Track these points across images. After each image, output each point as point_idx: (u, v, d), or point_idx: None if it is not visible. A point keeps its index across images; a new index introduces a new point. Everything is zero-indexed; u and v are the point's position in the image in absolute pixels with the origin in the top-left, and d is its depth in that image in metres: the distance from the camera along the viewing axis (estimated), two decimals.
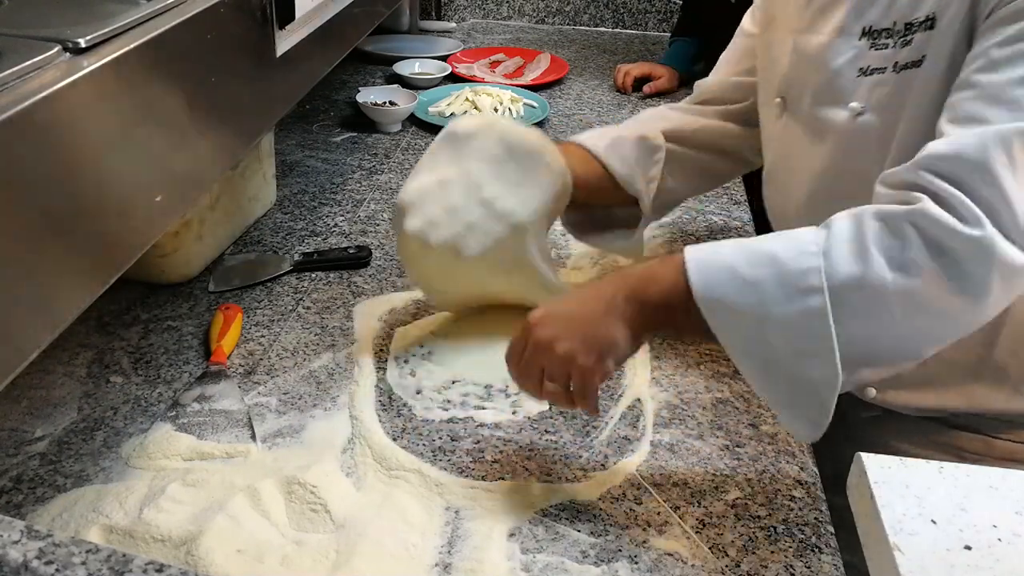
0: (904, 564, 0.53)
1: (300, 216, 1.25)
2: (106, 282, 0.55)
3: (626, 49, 2.08)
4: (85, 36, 0.51)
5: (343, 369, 0.93)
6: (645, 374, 0.94)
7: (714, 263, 0.68)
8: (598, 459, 0.83)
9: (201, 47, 0.62)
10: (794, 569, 0.72)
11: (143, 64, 0.55)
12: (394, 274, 1.11)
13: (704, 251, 0.69)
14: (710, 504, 0.78)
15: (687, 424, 0.88)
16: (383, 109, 1.54)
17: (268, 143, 1.21)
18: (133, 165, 0.56)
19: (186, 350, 0.95)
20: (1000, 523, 0.57)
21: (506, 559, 0.71)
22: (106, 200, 0.53)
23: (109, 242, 0.55)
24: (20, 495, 0.76)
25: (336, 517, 0.74)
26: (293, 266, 1.11)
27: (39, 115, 0.46)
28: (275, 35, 0.74)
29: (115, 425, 0.84)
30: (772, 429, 0.87)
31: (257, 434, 0.83)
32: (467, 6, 2.29)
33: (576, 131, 1.58)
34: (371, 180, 1.37)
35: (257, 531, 0.71)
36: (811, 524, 0.76)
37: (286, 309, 1.04)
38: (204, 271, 1.09)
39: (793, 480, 0.81)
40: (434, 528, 0.74)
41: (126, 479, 0.77)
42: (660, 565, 0.72)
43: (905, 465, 0.61)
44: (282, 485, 0.76)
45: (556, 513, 0.76)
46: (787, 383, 0.67)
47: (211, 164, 0.69)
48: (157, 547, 0.70)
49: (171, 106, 0.60)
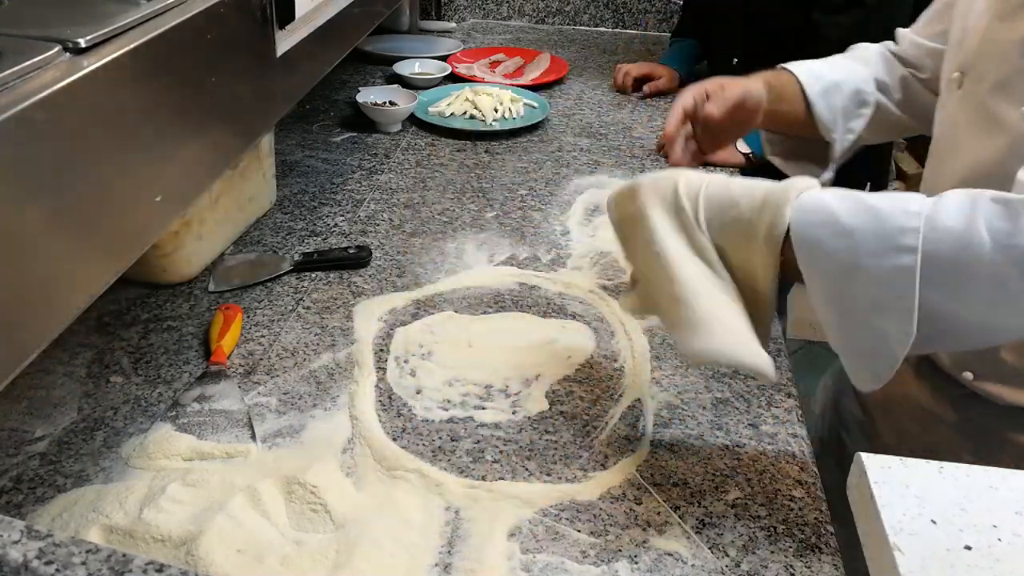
0: (904, 564, 0.53)
1: (300, 216, 1.25)
2: (106, 282, 0.55)
3: (626, 49, 2.08)
4: (85, 36, 0.51)
5: (343, 369, 0.93)
6: (645, 374, 0.94)
7: (817, 204, 0.68)
8: (598, 459, 0.83)
9: (201, 47, 0.62)
10: (794, 569, 0.72)
11: (143, 64, 0.55)
12: (394, 274, 1.11)
13: (812, 192, 0.69)
14: (710, 504, 0.78)
15: (687, 424, 0.88)
16: (383, 109, 1.54)
17: (268, 143, 1.21)
18: (133, 165, 0.56)
19: (186, 350, 0.96)
20: (1000, 523, 0.57)
21: (506, 559, 0.71)
22: (106, 200, 0.53)
23: (109, 242, 0.55)
24: (20, 495, 0.76)
25: (336, 517, 0.74)
26: (293, 266, 1.11)
27: (39, 115, 0.46)
28: (275, 35, 0.74)
29: (115, 425, 0.84)
30: (772, 429, 0.87)
31: (257, 434, 0.83)
32: (467, 6, 2.29)
33: (576, 131, 1.58)
34: (371, 180, 1.37)
35: (257, 531, 0.71)
36: (811, 524, 0.76)
37: (286, 309, 1.04)
38: (204, 271, 1.10)
39: (793, 480, 0.81)
40: (434, 528, 0.74)
41: (126, 479, 0.77)
42: (660, 565, 0.72)
43: (905, 465, 0.61)
44: (282, 485, 0.76)
45: (556, 513, 0.76)
46: (861, 332, 0.67)
47: (211, 164, 0.69)
48: (157, 547, 0.70)
49: (171, 106, 0.60)
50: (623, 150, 1.50)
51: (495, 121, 1.56)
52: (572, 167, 1.44)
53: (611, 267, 1.14)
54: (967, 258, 0.63)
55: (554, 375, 0.94)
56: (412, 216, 1.26)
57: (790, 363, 0.99)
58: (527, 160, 1.46)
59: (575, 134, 1.57)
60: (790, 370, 0.97)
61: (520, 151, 1.50)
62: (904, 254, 0.64)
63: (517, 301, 1.07)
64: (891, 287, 0.65)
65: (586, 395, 0.91)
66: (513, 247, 1.19)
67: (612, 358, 0.97)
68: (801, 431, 0.88)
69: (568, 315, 1.05)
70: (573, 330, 1.01)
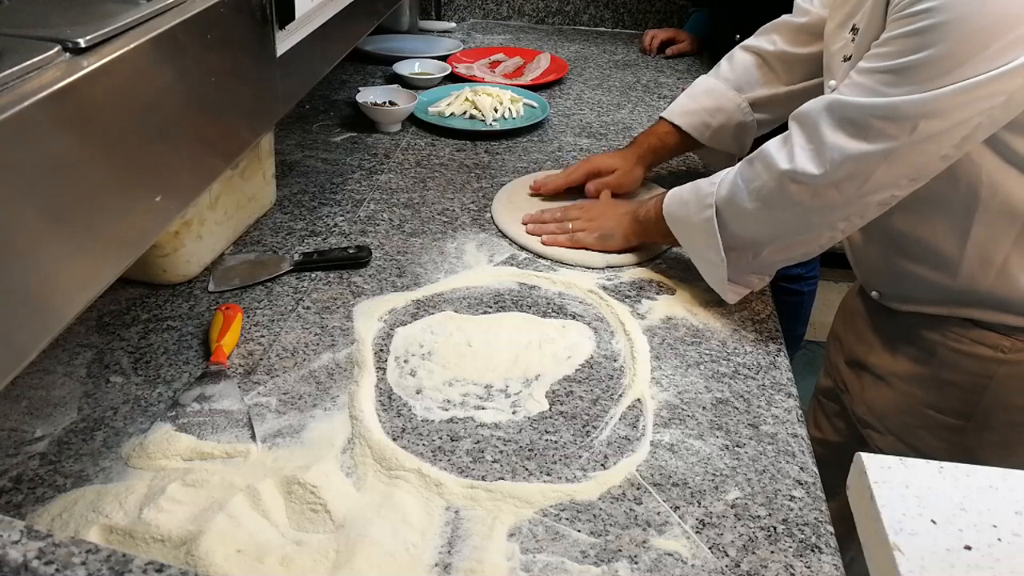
0: (904, 564, 0.53)
1: (300, 216, 1.25)
2: (106, 282, 0.55)
3: (626, 49, 2.08)
4: (85, 36, 0.51)
5: (343, 369, 0.93)
6: (645, 374, 0.94)
7: (676, 193, 1.09)
8: (598, 459, 0.83)
9: (201, 47, 0.62)
10: (794, 569, 0.72)
11: (143, 64, 0.55)
12: (394, 274, 1.11)
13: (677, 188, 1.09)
14: (710, 504, 0.78)
15: (687, 424, 0.88)
16: (383, 109, 1.54)
17: (268, 143, 1.21)
18: (133, 165, 0.56)
19: (186, 350, 0.96)
20: (1000, 523, 0.57)
21: (506, 559, 0.71)
22: (106, 200, 0.53)
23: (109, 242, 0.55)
24: (20, 495, 0.76)
25: (336, 517, 0.74)
26: (293, 266, 1.11)
27: (39, 115, 0.46)
28: (275, 35, 0.74)
29: (115, 425, 0.84)
30: (772, 429, 0.87)
31: (257, 434, 0.83)
32: (467, 6, 2.29)
33: (575, 131, 1.58)
34: (371, 180, 1.37)
35: (257, 531, 0.71)
36: (811, 524, 0.76)
37: (286, 309, 1.04)
38: (204, 271, 1.10)
39: (793, 480, 0.81)
40: (434, 528, 0.74)
41: (126, 479, 0.77)
42: (660, 565, 0.72)
43: (905, 465, 0.61)
44: (282, 485, 0.76)
45: (556, 513, 0.76)
46: (704, 263, 1.07)
47: (211, 164, 0.69)
48: (157, 547, 0.70)
49: (171, 106, 0.60)
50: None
51: (495, 121, 1.56)
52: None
53: (611, 267, 1.14)
54: (737, 201, 0.99)
55: (554, 375, 0.94)
56: (412, 216, 1.26)
57: (790, 363, 0.99)
58: (527, 160, 1.46)
59: (575, 134, 1.57)
60: (790, 370, 0.97)
61: (520, 151, 1.50)
62: (708, 209, 1.02)
63: (517, 301, 1.07)
64: (707, 231, 1.02)
65: (586, 395, 0.91)
66: (513, 247, 1.19)
67: (612, 358, 0.97)
68: (801, 431, 0.88)
69: (568, 315, 1.05)
70: (573, 330, 1.01)
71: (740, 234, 1.00)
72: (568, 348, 0.98)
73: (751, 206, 0.97)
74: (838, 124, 0.89)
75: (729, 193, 1.00)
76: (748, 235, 1.00)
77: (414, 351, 0.96)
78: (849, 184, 0.90)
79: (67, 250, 0.51)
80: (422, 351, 0.96)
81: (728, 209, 1.00)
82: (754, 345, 1.00)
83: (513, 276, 1.12)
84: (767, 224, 0.98)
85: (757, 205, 0.97)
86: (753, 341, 1.01)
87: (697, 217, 1.03)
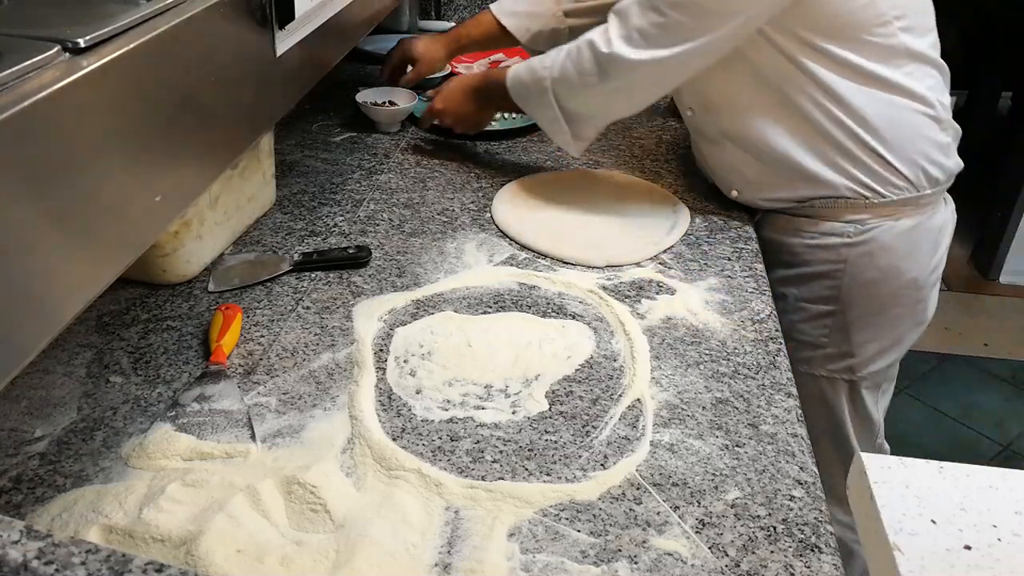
0: (904, 564, 0.53)
1: (300, 216, 1.25)
2: (106, 282, 0.55)
3: None
4: (85, 36, 0.51)
5: (343, 369, 0.93)
6: (645, 374, 0.94)
7: (515, 76, 1.26)
8: (598, 459, 0.83)
9: (201, 47, 0.62)
10: (794, 569, 0.72)
11: (143, 64, 0.55)
12: (394, 274, 1.11)
13: (515, 68, 1.27)
14: (710, 504, 0.78)
15: (687, 424, 0.88)
16: (383, 109, 1.54)
17: (268, 143, 1.21)
18: (132, 165, 0.56)
19: (186, 350, 0.96)
20: (1000, 523, 0.57)
21: (506, 559, 0.71)
22: (105, 200, 0.53)
23: (109, 242, 0.55)
24: (20, 495, 0.76)
25: (336, 517, 0.74)
26: (293, 266, 1.11)
27: (39, 115, 0.46)
28: (275, 35, 0.74)
29: (115, 425, 0.84)
30: (772, 429, 0.87)
31: (257, 434, 0.83)
32: (467, 6, 2.29)
33: None
34: (371, 180, 1.37)
35: (257, 531, 0.71)
36: (811, 524, 0.76)
37: (286, 309, 1.04)
38: (204, 271, 1.10)
39: (793, 480, 0.81)
40: (434, 528, 0.74)
41: (126, 479, 0.77)
42: (660, 565, 0.72)
43: (905, 465, 0.61)
44: (282, 485, 0.76)
45: (556, 513, 0.76)
46: (550, 127, 1.25)
47: (211, 164, 0.69)
48: (157, 547, 0.70)
49: (171, 106, 0.60)
50: (623, 150, 1.50)
51: (495, 121, 1.56)
52: (572, 167, 1.44)
53: (611, 267, 1.14)
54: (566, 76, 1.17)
55: (554, 375, 0.94)
56: (412, 216, 1.26)
57: (791, 363, 0.99)
58: (527, 160, 1.46)
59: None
60: (789, 370, 0.97)
61: (520, 151, 1.50)
62: (543, 85, 1.21)
63: (517, 301, 1.07)
64: (546, 104, 1.22)
65: (586, 395, 0.91)
66: (513, 247, 1.19)
67: (612, 358, 0.97)
68: (801, 431, 0.88)
69: (568, 315, 1.05)
70: (573, 330, 1.01)
71: (575, 108, 1.20)
72: (568, 348, 0.98)
73: (579, 83, 1.16)
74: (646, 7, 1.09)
75: (559, 73, 1.19)
76: (583, 110, 1.20)
77: (414, 351, 0.96)
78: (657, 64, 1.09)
79: (67, 250, 0.51)
80: (422, 351, 0.96)
81: (559, 86, 1.19)
82: (754, 345, 1.00)
83: (513, 276, 1.12)
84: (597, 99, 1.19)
85: (585, 83, 1.16)
86: (753, 341, 1.01)
87: (535, 96, 1.23)
